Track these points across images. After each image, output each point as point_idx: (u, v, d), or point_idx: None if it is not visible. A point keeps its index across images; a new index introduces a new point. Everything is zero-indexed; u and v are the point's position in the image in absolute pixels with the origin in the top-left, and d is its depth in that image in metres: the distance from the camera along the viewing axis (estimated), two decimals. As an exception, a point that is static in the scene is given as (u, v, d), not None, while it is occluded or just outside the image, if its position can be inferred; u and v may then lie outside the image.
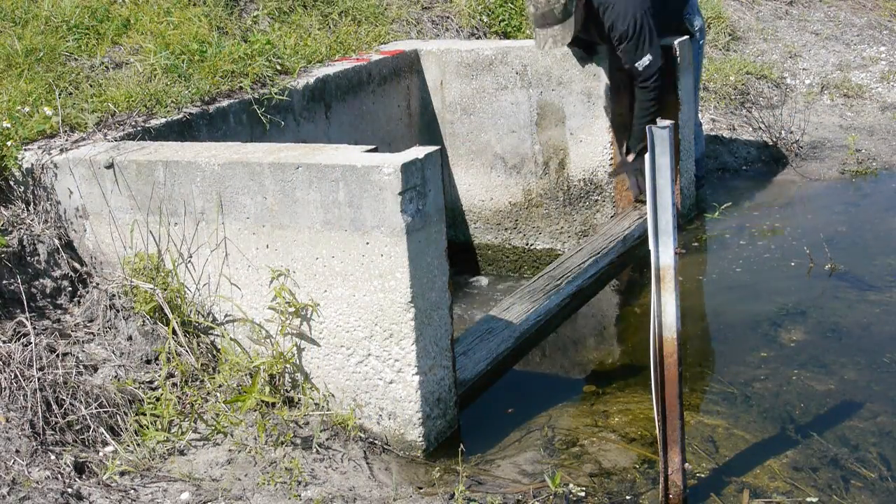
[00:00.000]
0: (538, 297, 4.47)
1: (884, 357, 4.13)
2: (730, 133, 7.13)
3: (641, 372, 3.97)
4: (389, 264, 3.41)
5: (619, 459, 3.52)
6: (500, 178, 5.87)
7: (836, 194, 6.30)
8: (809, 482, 3.33)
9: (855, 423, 3.67)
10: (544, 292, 4.53)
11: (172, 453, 3.41)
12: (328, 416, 3.60)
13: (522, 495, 3.31)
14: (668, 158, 2.92)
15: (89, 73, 4.77)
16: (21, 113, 4.13)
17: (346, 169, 3.39)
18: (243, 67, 4.81)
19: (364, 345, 3.55)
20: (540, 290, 4.56)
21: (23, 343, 3.51)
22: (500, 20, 7.05)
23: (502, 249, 6.00)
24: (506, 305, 4.43)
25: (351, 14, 6.31)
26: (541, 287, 4.59)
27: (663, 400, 3.12)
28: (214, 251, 3.73)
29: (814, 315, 4.58)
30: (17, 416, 3.30)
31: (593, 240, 5.21)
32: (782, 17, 9.02)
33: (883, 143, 7.09)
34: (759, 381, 4.01)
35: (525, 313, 4.32)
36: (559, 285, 4.62)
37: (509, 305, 4.41)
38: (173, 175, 3.71)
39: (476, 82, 5.77)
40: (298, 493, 3.24)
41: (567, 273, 4.72)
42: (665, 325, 3.06)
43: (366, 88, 5.42)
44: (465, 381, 3.87)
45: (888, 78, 8.11)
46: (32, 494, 3.02)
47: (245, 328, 3.75)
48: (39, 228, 3.90)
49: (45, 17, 5.19)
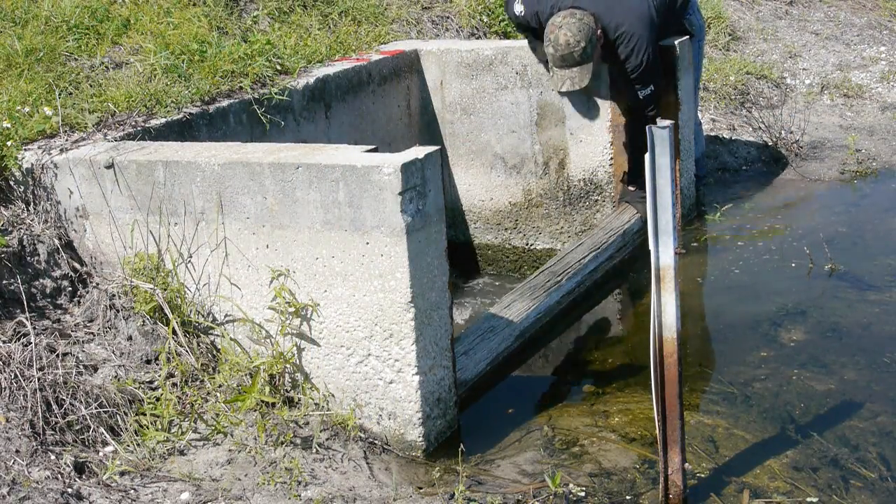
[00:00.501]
0: (539, 295, 4.48)
1: (884, 357, 4.13)
2: (730, 133, 7.13)
3: (641, 372, 3.97)
4: (389, 264, 3.41)
5: (619, 459, 3.52)
6: (500, 178, 5.87)
7: (836, 194, 6.30)
8: (809, 482, 3.33)
9: (855, 423, 3.67)
10: (545, 289, 4.53)
11: (172, 453, 3.41)
12: (328, 416, 3.60)
13: (522, 495, 3.31)
14: (669, 158, 2.92)
15: (89, 73, 4.77)
16: (21, 113, 4.13)
17: (346, 169, 3.39)
18: (243, 67, 4.81)
19: (364, 345, 3.55)
20: (541, 286, 4.56)
21: (23, 343, 3.51)
22: (500, 20, 7.05)
23: (502, 249, 6.00)
24: (506, 303, 4.43)
25: (351, 14, 6.31)
26: (541, 284, 4.59)
27: (663, 400, 3.12)
28: (214, 251, 3.73)
29: (814, 315, 4.58)
30: (17, 416, 3.30)
31: (593, 234, 5.21)
32: (782, 17, 9.02)
33: (883, 143, 7.09)
34: (759, 381, 4.01)
35: (526, 311, 4.32)
36: (560, 281, 4.62)
37: (510, 303, 4.41)
38: (173, 175, 3.71)
39: (476, 82, 5.77)
40: (298, 493, 3.24)
41: (567, 269, 4.73)
42: (665, 325, 3.06)
43: (366, 88, 5.42)
44: (465, 382, 3.88)
45: (888, 78, 8.11)
46: (32, 494, 3.02)
47: (245, 328, 3.75)
48: (39, 228, 3.90)
49: (45, 17, 5.19)
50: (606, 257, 5.02)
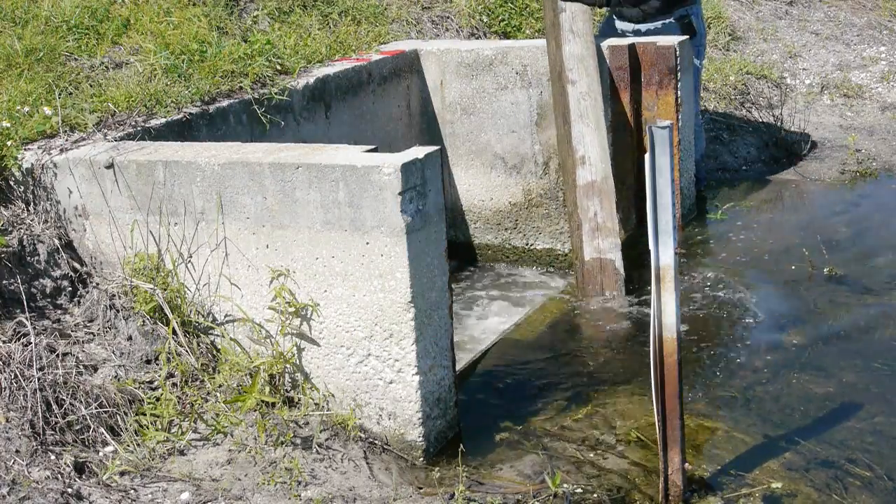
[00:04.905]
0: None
1: (883, 359, 4.13)
2: (730, 133, 7.13)
3: (641, 372, 3.98)
4: (389, 264, 3.41)
5: (619, 460, 3.52)
6: (500, 178, 5.87)
7: (835, 194, 6.30)
8: (809, 483, 3.33)
9: (854, 425, 3.67)
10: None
11: (172, 453, 3.41)
12: (328, 416, 3.60)
13: (522, 495, 3.32)
14: (668, 158, 2.93)
15: (89, 73, 4.77)
16: (21, 113, 4.13)
17: (346, 169, 3.39)
18: (243, 67, 4.81)
19: (364, 345, 3.55)
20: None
21: (23, 343, 3.51)
22: (500, 20, 7.05)
23: (502, 249, 6.00)
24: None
25: (351, 14, 6.31)
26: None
27: (663, 400, 3.12)
28: (214, 251, 3.73)
29: (813, 317, 4.58)
30: (17, 416, 3.30)
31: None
32: (782, 17, 9.01)
33: (883, 143, 7.09)
34: (759, 383, 4.01)
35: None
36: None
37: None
38: (173, 175, 3.71)
39: (476, 82, 5.77)
40: (298, 493, 3.24)
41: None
42: (665, 325, 3.06)
43: (366, 88, 5.42)
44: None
45: (888, 78, 8.11)
46: (32, 494, 3.02)
47: (245, 328, 3.75)
48: (39, 228, 3.90)
49: (45, 17, 5.19)
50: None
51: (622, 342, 4.57)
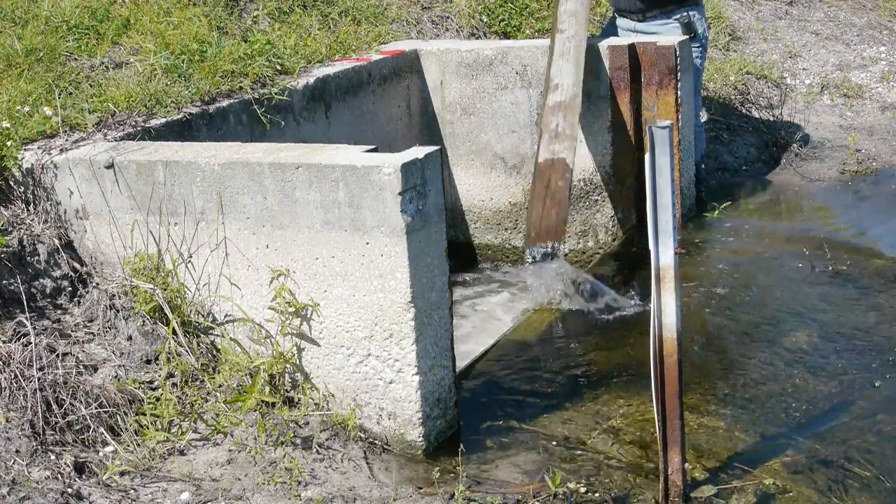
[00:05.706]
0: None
1: (884, 358, 4.13)
2: (730, 133, 7.13)
3: (641, 372, 3.97)
4: (389, 264, 3.41)
5: (619, 459, 3.52)
6: (500, 178, 5.87)
7: (835, 194, 6.30)
8: (809, 483, 3.33)
9: (855, 424, 3.67)
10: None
11: (172, 453, 3.41)
12: (328, 416, 3.60)
13: (522, 495, 3.31)
14: (668, 158, 2.93)
15: (89, 73, 4.77)
16: (21, 113, 4.13)
17: (346, 169, 3.39)
18: (243, 67, 4.81)
19: (364, 345, 3.55)
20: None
21: (23, 343, 3.51)
22: (500, 20, 7.05)
23: (502, 249, 6.00)
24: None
25: (351, 14, 6.31)
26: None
27: (663, 400, 3.12)
28: (214, 251, 3.73)
29: (814, 316, 4.58)
30: (17, 416, 3.30)
31: None
32: (782, 17, 9.01)
33: (883, 143, 7.09)
34: (759, 383, 4.01)
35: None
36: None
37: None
38: (173, 175, 3.71)
39: (476, 82, 5.77)
40: (298, 493, 3.24)
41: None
42: (665, 325, 3.06)
43: (366, 88, 5.42)
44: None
45: (888, 78, 8.11)
46: (32, 494, 3.02)
47: (245, 328, 3.75)
48: (39, 228, 3.90)
49: (45, 17, 5.19)
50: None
51: (622, 342, 4.57)
